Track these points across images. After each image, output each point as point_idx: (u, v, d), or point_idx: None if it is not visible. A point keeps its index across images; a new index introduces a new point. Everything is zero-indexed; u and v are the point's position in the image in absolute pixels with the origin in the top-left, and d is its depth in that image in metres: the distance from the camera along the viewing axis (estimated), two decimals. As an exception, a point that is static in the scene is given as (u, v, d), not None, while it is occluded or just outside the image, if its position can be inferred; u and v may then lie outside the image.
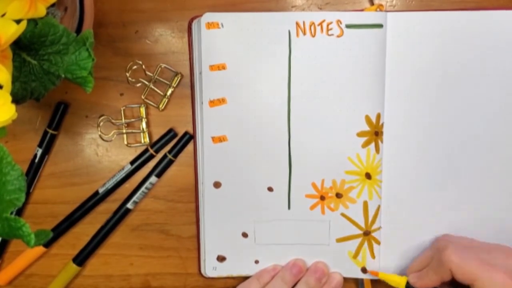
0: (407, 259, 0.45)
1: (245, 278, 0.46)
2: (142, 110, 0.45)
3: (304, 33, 0.42)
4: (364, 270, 0.45)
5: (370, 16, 0.42)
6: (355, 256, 0.45)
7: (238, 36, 0.42)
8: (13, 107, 0.29)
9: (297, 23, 0.42)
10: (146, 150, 0.46)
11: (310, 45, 0.42)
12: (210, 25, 0.42)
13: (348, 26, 0.42)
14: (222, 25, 0.42)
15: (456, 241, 0.41)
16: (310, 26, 0.42)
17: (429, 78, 0.43)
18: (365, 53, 0.42)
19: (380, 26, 0.42)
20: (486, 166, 0.44)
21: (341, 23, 0.42)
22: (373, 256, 0.45)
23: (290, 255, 0.45)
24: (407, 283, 0.42)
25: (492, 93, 0.43)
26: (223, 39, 0.42)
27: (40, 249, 0.46)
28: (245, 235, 0.45)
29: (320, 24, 0.42)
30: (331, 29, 0.42)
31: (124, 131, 0.45)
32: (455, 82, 0.43)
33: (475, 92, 0.43)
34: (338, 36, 0.42)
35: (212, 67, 0.43)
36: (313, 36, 0.42)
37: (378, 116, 0.43)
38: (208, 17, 0.42)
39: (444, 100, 0.43)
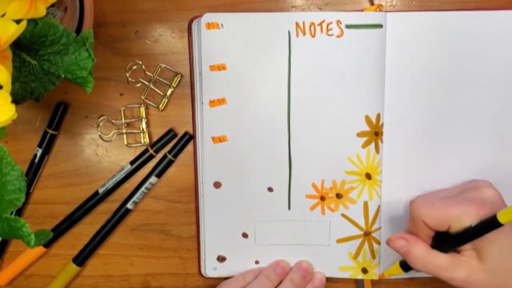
0: (407, 259, 0.45)
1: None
2: (142, 110, 0.45)
3: (304, 33, 0.42)
4: (364, 271, 0.45)
5: (370, 16, 0.42)
6: (356, 256, 0.45)
7: (238, 37, 0.42)
8: (13, 107, 0.29)
9: (297, 23, 0.42)
10: (146, 150, 0.46)
11: (310, 45, 0.42)
12: (210, 26, 0.42)
13: (348, 26, 0.42)
14: (222, 26, 0.42)
15: (423, 197, 0.41)
16: (310, 26, 0.42)
17: (429, 78, 0.43)
18: (365, 53, 0.42)
19: (380, 26, 0.42)
20: (486, 165, 0.44)
21: (340, 23, 0.42)
22: (373, 257, 0.45)
23: (290, 256, 0.45)
24: (400, 263, 0.42)
25: (492, 93, 0.43)
26: (223, 39, 0.42)
27: (40, 249, 0.46)
28: (245, 235, 0.45)
29: (320, 24, 0.42)
30: (331, 29, 0.42)
31: (124, 131, 0.45)
32: (455, 82, 0.43)
33: (475, 92, 0.43)
34: (338, 36, 0.42)
35: (212, 67, 0.43)
36: (313, 36, 0.42)
37: (378, 116, 0.43)
38: (208, 17, 0.42)
39: (444, 100, 0.43)
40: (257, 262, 0.45)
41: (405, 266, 0.41)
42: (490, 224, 0.35)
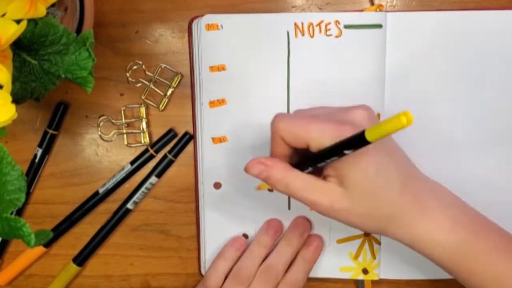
0: (407, 259, 0.45)
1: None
2: (142, 110, 0.45)
3: (303, 34, 0.42)
4: (365, 271, 0.45)
5: (369, 17, 0.42)
6: (356, 257, 0.45)
7: (237, 38, 0.42)
8: (13, 107, 0.29)
9: (295, 24, 0.42)
10: (146, 150, 0.46)
11: (309, 46, 0.42)
12: (210, 27, 0.42)
13: (346, 27, 0.42)
14: (222, 27, 0.42)
15: (287, 113, 0.37)
16: (309, 26, 0.42)
17: (429, 78, 0.43)
18: (364, 54, 0.42)
19: (379, 26, 0.42)
20: (487, 165, 0.44)
21: (339, 23, 0.42)
22: (373, 257, 0.45)
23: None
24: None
25: (493, 93, 0.43)
26: (222, 40, 0.42)
27: (40, 249, 0.46)
28: (245, 236, 0.45)
29: (319, 24, 0.42)
30: (329, 29, 0.42)
31: (124, 131, 0.45)
32: (455, 82, 0.43)
33: (475, 91, 0.43)
34: (336, 37, 0.42)
35: (212, 68, 0.43)
36: (312, 36, 0.42)
37: (378, 117, 0.43)
38: (208, 19, 0.42)
39: (444, 100, 0.43)
40: (257, 263, 0.45)
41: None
42: (354, 142, 0.30)
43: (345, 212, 0.33)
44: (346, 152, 0.31)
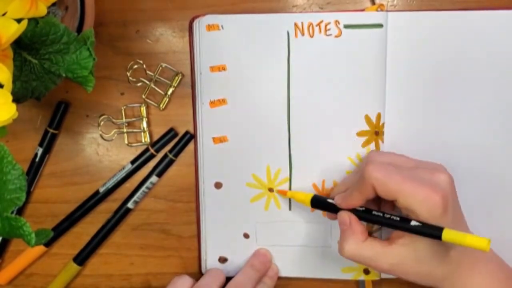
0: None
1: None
2: (143, 109, 0.45)
3: (303, 34, 0.42)
4: (366, 271, 0.45)
5: (368, 16, 0.42)
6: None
7: (238, 38, 0.42)
8: (13, 106, 0.29)
9: (295, 24, 0.42)
10: (146, 150, 0.46)
11: (309, 46, 0.42)
12: (210, 27, 0.42)
13: (346, 27, 0.42)
14: (222, 27, 0.42)
15: (380, 158, 0.39)
16: (309, 26, 0.42)
17: (430, 78, 0.43)
18: (364, 53, 0.42)
19: (380, 26, 0.42)
20: (487, 166, 0.44)
21: (339, 23, 0.42)
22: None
23: (291, 257, 0.45)
24: (312, 200, 0.41)
25: (494, 93, 0.43)
26: (223, 40, 0.42)
27: (41, 248, 0.46)
28: (246, 235, 0.45)
29: (318, 24, 0.42)
30: (329, 29, 0.42)
31: (124, 130, 0.45)
32: (456, 81, 0.43)
33: (476, 91, 0.43)
34: (336, 37, 0.42)
35: (212, 68, 0.43)
36: (312, 36, 0.42)
37: (379, 116, 0.43)
38: (208, 19, 0.42)
39: (445, 99, 0.43)
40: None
41: (315, 204, 0.41)
42: (431, 232, 0.35)
43: (405, 272, 0.37)
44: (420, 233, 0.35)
